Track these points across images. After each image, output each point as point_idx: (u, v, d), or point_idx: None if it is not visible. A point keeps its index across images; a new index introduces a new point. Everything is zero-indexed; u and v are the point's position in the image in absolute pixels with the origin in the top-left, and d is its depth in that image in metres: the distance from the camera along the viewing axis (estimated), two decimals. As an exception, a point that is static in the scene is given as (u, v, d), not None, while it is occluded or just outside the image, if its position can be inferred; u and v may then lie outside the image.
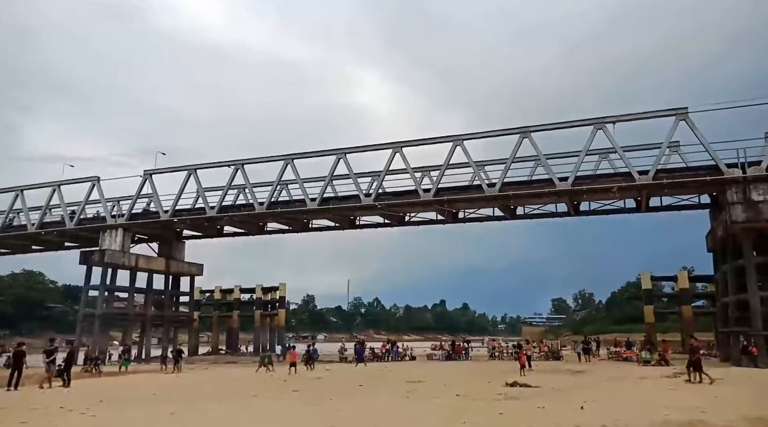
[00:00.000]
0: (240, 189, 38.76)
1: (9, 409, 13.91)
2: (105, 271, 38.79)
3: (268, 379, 22.69)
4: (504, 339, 70.07)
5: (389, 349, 38.44)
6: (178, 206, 38.30)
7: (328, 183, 35.09)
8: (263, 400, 15.27)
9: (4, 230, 42.59)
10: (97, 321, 37.57)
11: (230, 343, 55.43)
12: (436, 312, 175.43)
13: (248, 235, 44.28)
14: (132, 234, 40.94)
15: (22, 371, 19.20)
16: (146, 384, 21.88)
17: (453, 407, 12.84)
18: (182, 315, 46.92)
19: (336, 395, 16.01)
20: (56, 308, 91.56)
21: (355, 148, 35.13)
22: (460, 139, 31.84)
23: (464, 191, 33.17)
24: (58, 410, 13.40)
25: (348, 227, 40.85)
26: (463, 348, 38.12)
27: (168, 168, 39.33)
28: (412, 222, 39.29)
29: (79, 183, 40.59)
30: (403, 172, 34.03)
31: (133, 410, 13.58)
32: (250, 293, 57.77)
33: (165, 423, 11.05)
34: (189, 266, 45.22)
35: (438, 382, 19.38)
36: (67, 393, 17.95)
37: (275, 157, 36.73)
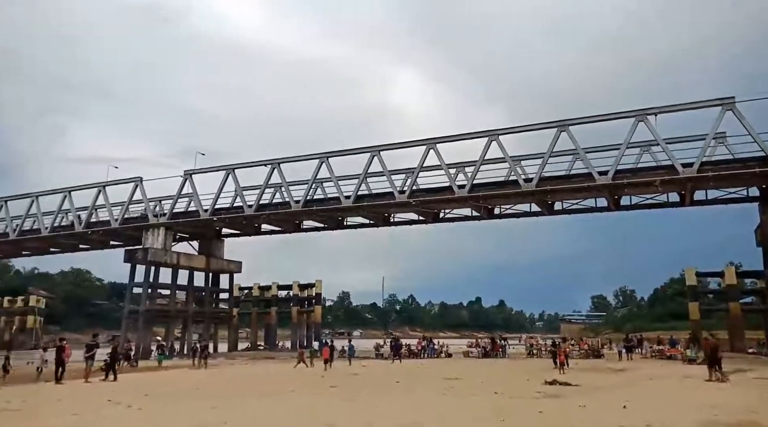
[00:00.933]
0: (276, 188, 39.35)
1: (63, 401, 14.53)
2: (148, 269, 40.01)
3: (305, 374, 22.99)
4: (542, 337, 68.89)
5: (425, 346, 38.33)
6: (217, 205, 39.18)
7: (363, 181, 35.22)
8: (301, 395, 15.47)
9: (54, 229, 44.44)
10: (141, 317, 38.82)
11: (268, 339, 56.36)
12: (472, 309, 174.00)
13: (285, 233, 44.94)
14: (174, 233, 42.10)
15: (65, 365, 19.83)
16: (186, 379, 22.47)
17: (491, 404, 12.71)
18: (222, 312, 47.96)
19: (373, 391, 16.09)
20: (103, 304, 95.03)
21: (388, 145, 35.15)
22: (495, 134, 31.43)
23: (500, 187, 32.75)
24: (106, 403, 13.91)
25: (382, 224, 40.93)
26: (501, 346, 37.67)
27: (207, 168, 40.24)
28: (446, 219, 39.08)
29: (123, 184, 41.97)
30: (437, 169, 33.84)
31: (176, 404, 13.99)
32: (287, 290, 58.61)
33: (207, 417, 11.31)
34: (228, 264, 46.20)
35: (475, 379, 19.23)
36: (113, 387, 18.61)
37: (310, 155, 37.10)
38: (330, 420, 10.66)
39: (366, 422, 10.54)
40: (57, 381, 19.12)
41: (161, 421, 11.22)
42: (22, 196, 46.11)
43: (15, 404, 13.71)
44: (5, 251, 55.75)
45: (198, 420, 10.96)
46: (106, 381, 19.86)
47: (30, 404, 13.95)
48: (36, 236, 45.45)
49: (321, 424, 10.37)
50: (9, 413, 12.43)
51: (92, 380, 19.87)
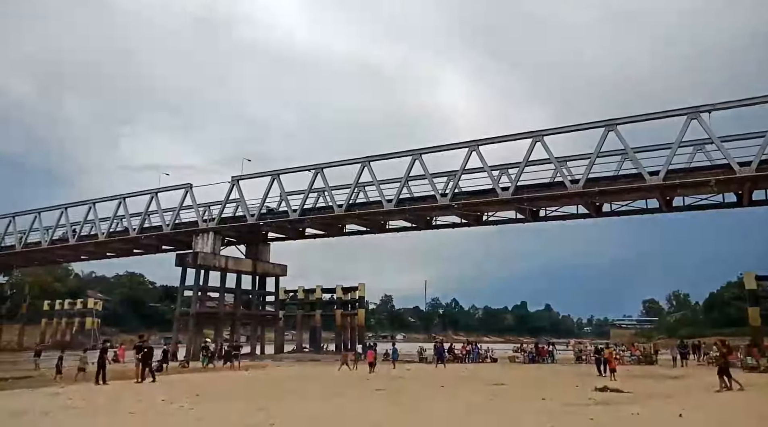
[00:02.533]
0: (320, 192, 39.84)
1: (120, 400, 15.18)
2: (198, 272, 41.23)
3: (350, 377, 23.17)
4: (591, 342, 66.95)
5: (470, 350, 37.96)
6: (263, 210, 40.02)
7: (404, 184, 35.23)
8: (347, 398, 15.62)
9: (110, 235, 46.46)
10: (192, 320, 40.04)
11: (313, 341, 57.13)
12: (517, 314, 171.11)
13: (328, 236, 45.43)
14: (222, 237, 43.24)
15: (106, 366, 20.43)
16: (233, 380, 23.02)
17: (539, 410, 12.47)
18: (268, 314, 48.90)
19: (418, 395, 16.06)
20: (156, 307, 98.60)
21: (430, 148, 35.06)
22: (540, 134, 30.85)
23: (545, 189, 32.08)
24: (160, 403, 14.45)
25: (424, 227, 40.80)
26: (548, 351, 36.89)
27: (253, 174, 41.16)
28: (490, 222, 38.58)
29: (174, 190, 43.46)
30: (480, 171, 33.48)
31: (225, 404, 14.38)
32: (331, 293, 59.29)
33: (256, 418, 11.58)
34: (274, 267, 47.09)
35: (522, 385, 18.92)
36: (166, 387, 19.26)
37: (352, 160, 37.44)
38: (376, 423, 10.72)
39: (412, 425, 10.53)
40: (96, 382, 19.52)
41: (212, 421, 11.55)
42: (80, 203, 48.42)
43: (77, 403, 14.43)
44: (66, 255, 58.70)
45: (247, 421, 11.22)
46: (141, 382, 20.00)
47: (90, 402, 14.62)
48: (93, 241, 47.60)
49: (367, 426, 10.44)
50: (72, 410, 13.09)
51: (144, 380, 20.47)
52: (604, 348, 27.20)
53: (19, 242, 50.78)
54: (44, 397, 16.05)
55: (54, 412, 12.76)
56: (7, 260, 57.92)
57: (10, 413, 12.42)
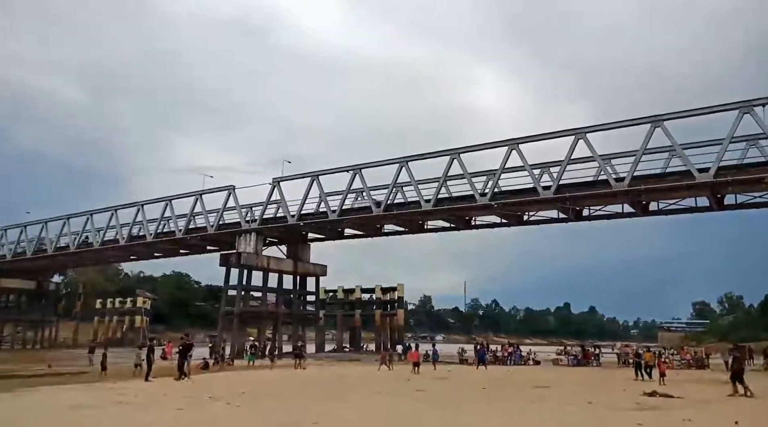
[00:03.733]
0: (358, 193, 40.11)
1: (168, 396, 15.69)
2: (241, 272, 42.18)
3: (391, 377, 23.24)
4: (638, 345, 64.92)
5: (511, 352, 37.45)
6: (303, 211, 40.59)
7: (442, 184, 35.05)
8: (388, 398, 15.67)
9: (157, 236, 48.09)
10: (236, 319, 40.99)
11: (353, 341, 57.61)
12: (560, 315, 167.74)
13: (366, 236, 45.68)
14: (264, 237, 44.09)
15: (152, 363, 20.93)
16: (277, 379, 23.44)
17: (586, 414, 12.20)
18: (309, 313, 49.55)
19: (460, 397, 15.97)
20: (201, 305, 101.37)
21: (468, 147, 34.77)
22: (582, 132, 30.14)
23: (589, 187, 31.32)
24: (206, 400, 14.86)
25: (463, 227, 40.47)
26: (593, 354, 36.02)
27: (293, 175, 41.80)
28: (531, 221, 37.94)
29: (218, 192, 44.61)
30: (520, 170, 32.97)
31: (270, 402, 14.67)
32: (370, 293, 59.65)
33: (300, 416, 11.75)
34: (314, 267, 47.69)
35: (567, 388, 18.53)
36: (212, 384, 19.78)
37: (390, 160, 37.52)
38: (418, 424, 10.71)
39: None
40: (146, 378, 20.02)
41: (257, 418, 11.80)
42: (129, 205, 50.26)
43: (128, 398, 15.00)
44: (116, 256, 61.11)
45: (291, 419, 11.41)
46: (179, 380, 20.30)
47: (140, 398, 15.17)
48: (142, 242, 49.38)
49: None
50: (124, 406, 13.62)
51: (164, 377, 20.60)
52: (645, 351, 26.34)
53: (72, 242, 53.14)
54: (98, 392, 16.76)
55: (107, 407, 13.31)
56: (62, 261, 60.71)
57: (68, 407, 13.03)
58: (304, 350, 33.35)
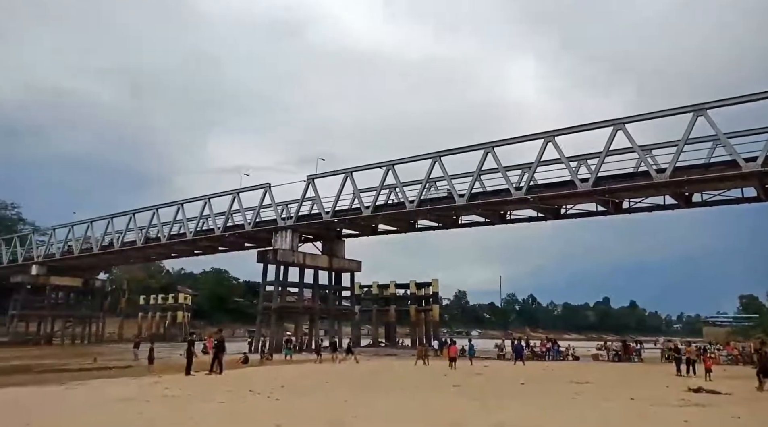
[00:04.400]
0: (391, 188, 40.18)
1: (210, 390, 16.13)
2: (278, 268, 42.87)
3: (427, 372, 23.26)
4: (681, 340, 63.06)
5: (550, 347, 36.92)
6: (337, 207, 40.92)
7: (476, 178, 34.74)
8: (425, 392, 15.70)
9: (197, 233, 49.34)
10: (274, 314, 41.72)
11: (389, 336, 57.86)
12: (599, 310, 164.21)
13: (400, 232, 45.75)
14: (299, 234, 44.69)
15: (192, 358, 21.34)
16: (315, 373, 23.76)
17: (628, 411, 11.94)
18: (345, 309, 49.99)
19: (497, 392, 15.86)
20: (240, 301, 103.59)
21: (503, 140, 34.32)
22: (621, 122, 29.36)
23: (628, 179, 30.50)
24: (247, 393, 15.22)
25: (498, 221, 40.05)
26: (634, 349, 35.17)
27: (327, 172, 42.17)
28: (568, 215, 37.21)
29: (254, 190, 45.41)
30: (556, 163, 32.37)
31: (309, 396, 14.90)
32: (405, 289, 59.73)
33: (339, 410, 11.91)
34: (349, 263, 48.06)
35: (607, 384, 18.17)
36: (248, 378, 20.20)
37: (423, 155, 37.42)
38: (456, 419, 10.70)
39: (493, 423, 10.43)
40: (187, 373, 20.43)
41: (297, 411, 12.01)
42: (169, 204, 51.71)
43: (173, 391, 15.49)
44: (158, 253, 62.99)
45: (331, 412, 11.57)
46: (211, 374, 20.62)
47: (184, 391, 15.64)
48: (183, 240, 50.75)
49: (447, 422, 10.45)
50: (169, 399, 14.09)
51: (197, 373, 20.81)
52: (686, 346, 25.56)
53: (117, 241, 55.03)
54: (144, 385, 17.36)
55: (153, 400, 13.78)
56: (108, 259, 62.96)
57: (116, 400, 13.57)
58: (350, 345, 33.90)
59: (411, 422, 10.85)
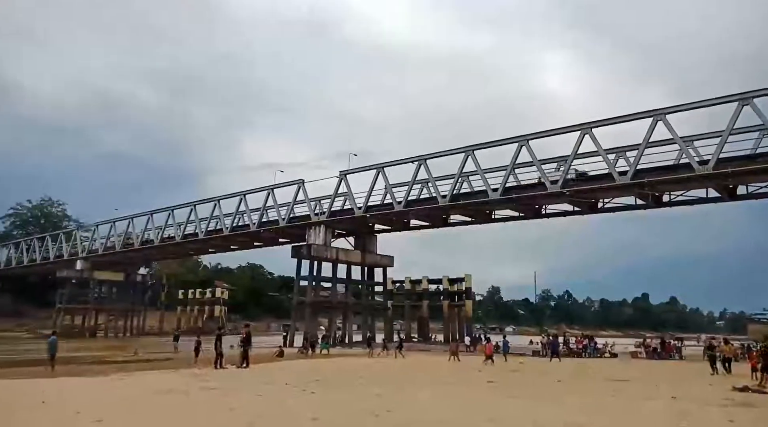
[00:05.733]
0: (423, 183, 40.07)
1: (248, 383, 16.45)
2: (312, 263, 43.37)
3: (461, 368, 23.17)
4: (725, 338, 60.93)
5: (586, 344, 36.24)
6: (369, 202, 41.08)
7: (510, 172, 34.31)
8: (460, 388, 15.64)
9: (232, 229, 50.34)
10: (308, 308, 42.24)
11: (421, 331, 57.79)
12: (637, 306, 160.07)
13: (432, 227, 45.60)
14: (332, 229, 45.07)
15: (222, 352, 21.61)
16: (349, 367, 23.94)
17: (669, 409, 11.62)
18: (377, 304, 50.21)
19: (534, 389, 15.67)
20: (275, 296, 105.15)
21: (537, 133, 33.76)
22: (661, 113, 28.47)
23: (669, 171, 29.59)
24: (284, 386, 15.46)
25: (533, 216, 39.51)
26: (674, 346, 34.22)
27: (359, 168, 42.34)
28: (606, 209, 36.40)
29: (288, 186, 46.02)
30: (593, 155, 31.69)
31: (344, 390, 15.04)
32: (437, 284, 59.50)
33: (373, 404, 11.97)
34: (381, 258, 48.23)
35: (647, 382, 17.71)
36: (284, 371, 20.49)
37: (456, 150, 37.18)
38: (492, 415, 10.62)
39: (530, 420, 10.31)
40: (216, 366, 20.65)
41: (333, 404, 12.14)
42: (206, 201, 52.92)
43: (211, 384, 15.86)
44: (195, 248, 64.58)
45: (365, 406, 11.64)
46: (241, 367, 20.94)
47: (222, 384, 15.99)
48: (219, 235, 51.88)
49: (483, 418, 10.37)
50: (208, 391, 14.43)
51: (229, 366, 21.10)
52: (720, 344, 24.57)
53: (156, 236, 56.63)
54: (184, 377, 17.83)
55: (194, 392, 14.14)
56: (148, 254, 64.86)
57: (159, 391, 13.99)
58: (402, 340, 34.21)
59: (446, 417, 10.82)
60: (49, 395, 12.85)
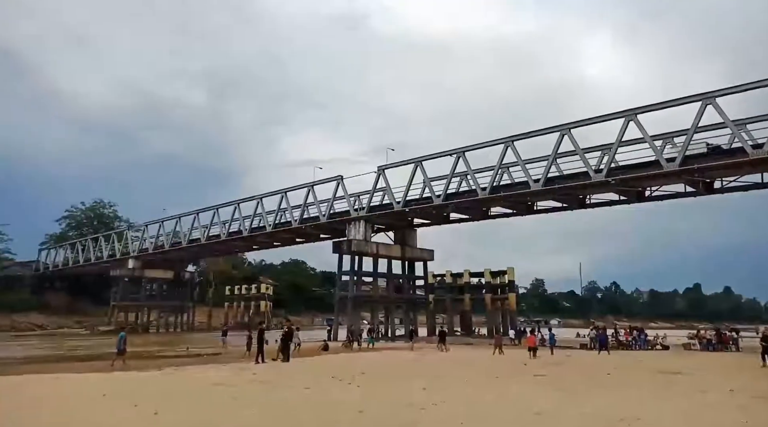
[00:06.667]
0: (462, 176, 39.74)
1: (295, 376, 16.80)
2: (352, 258, 43.76)
3: (506, 361, 22.94)
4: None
5: (636, 336, 35.23)
6: (408, 197, 41.06)
7: (552, 162, 33.59)
8: (506, 382, 15.52)
9: (275, 226, 51.31)
10: (350, 303, 42.68)
11: (464, 325, 57.44)
12: (689, 297, 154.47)
13: (473, 220, 45.21)
14: (372, 224, 45.32)
15: (263, 346, 21.99)
16: (394, 361, 24.08)
17: (727, 403, 11.21)
18: (418, 298, 50.22)
19: (582, 382, 15.39)
20: (317, 291, 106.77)
21: (580, 121, 32.91)
22: (711, 96, 27.26)
23: (721, 156, 28.35)
24: (330, 380, 15.72)
25: (576, 206, 38.61)
26: (730, 338, 32.85)
27: (398, 162, 42.36)
28: (653, 197, 35.20)
29: (327, 183, 46.51)
30: (639, 142, 30.66)
31: (389, 383, 15.16)
32: (479, 277, 58.95)
33: (419, 397, 12.04)
34: (421, 252, 48.18)
35: (702, 375, 17.12)
36: (330, 365, 20.78)
37: (495, 141, 36.67)
38: (539, 409, 10.51)
39: (581, 413, 10.15)
40: (257, 361, 20.99)
41: (379, 398, 12.27)
42: (249, 199, 54.10)
43: (260, 377, 16.30)
44: (240, 246, 66.17)
45: (412, 399, 11.72)
46: (286, 361, 21.31)
47: (271, 377, 16.41)
48: (263, 232, 53.00)
49: (530, 412, 10.28)
50: (258, 384, 14.85)
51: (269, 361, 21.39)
52: None
53: (203, 235, 58.32)
54: (234, 371, 18.35)
55: (244, 385, 14.58)
56: (195, 251, 66.90)
57: (210, 384, 14.48)
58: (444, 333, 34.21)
59: (492, 411, 10.77)
60: (108, 388, 13.48)
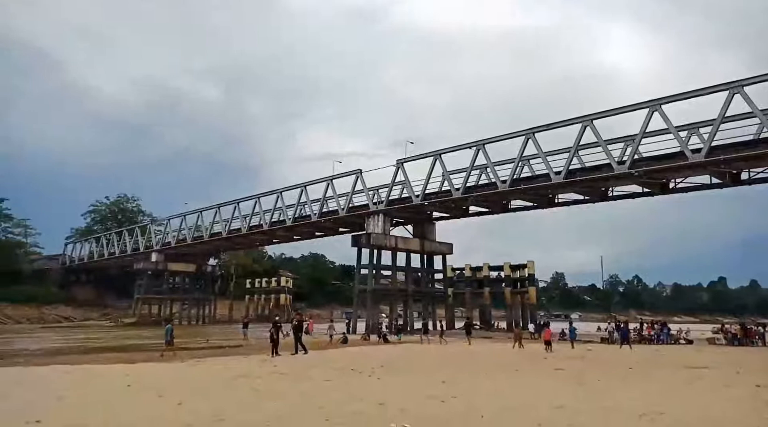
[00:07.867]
0: (482, 169, 39.46)
1: (315, 369, 16.95)
2: (371, 252, 43.88)
3: (526, 355, 22.82)
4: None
5: (659, 330, 34.74)
6: (427, 190, 40.93)
7: (574, 154, 33.15)
8: (527, 375, 15.44)
9: (295, 220, 51.68)
10: (369, 296, 42.84)
11: (483, 318, 57.24)
12: (714, 291, 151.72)
13: (492, 213, 44.92)
14: (390, 218, 45.33)
15: (279, 339, 22.06)
16: (413, 354, 24.13)
17: (754, 399, 10.99)
18: (437, 291, 50.18)
19: (603, 376, 15.24)
20: (336, 284, 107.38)
21: (602, 113, 32.38)
22: (738, 85, 26.58)
23: (748, 147, 27.66)
24: (350, 372, 15.83)
25: (598, 199, 38.09)
26: (757, 332, 32.18)
27: (416, 156, 42.24)
28: (678, 189, 34.54)
29: (346, 177, 46.65)
30: (663, 133, 30.08)
31: (408, 376, 15.21)
32: (498, 271, 58.63)
33: (438, 390, 12.04)
34: (440, 245, 48.10)
35: (727, 370, 16.78)
36: (349, 357, 20.90)
37: (515, 133, 36.29)
38: (559, 403, 10.43)
39: (600, 407, 10.05)
40: (272, 354, 21.22)
41: (398, 390, 12.31)
42: (269, 193, 54.53)
43: (281, 369, 16.48)
44: (261, 239, 66.82)
45: (430, 392, 11.73)
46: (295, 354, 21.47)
47: (292, 369, 16.58)
48: (283, 226, 53.43)
49: (550, 406, 10.21)
50: (280, 376, 15.02)
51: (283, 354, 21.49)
52: None
53: (224, 229, 59.01)
54: (255, 363, 18.60)
55: (265, 376, 14.76)
56: (216, 245, 67.76)
57: (232, 376, 14.69)
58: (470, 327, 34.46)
59: (512, 404, 10.72)
60: (132, 379, 13.77)
